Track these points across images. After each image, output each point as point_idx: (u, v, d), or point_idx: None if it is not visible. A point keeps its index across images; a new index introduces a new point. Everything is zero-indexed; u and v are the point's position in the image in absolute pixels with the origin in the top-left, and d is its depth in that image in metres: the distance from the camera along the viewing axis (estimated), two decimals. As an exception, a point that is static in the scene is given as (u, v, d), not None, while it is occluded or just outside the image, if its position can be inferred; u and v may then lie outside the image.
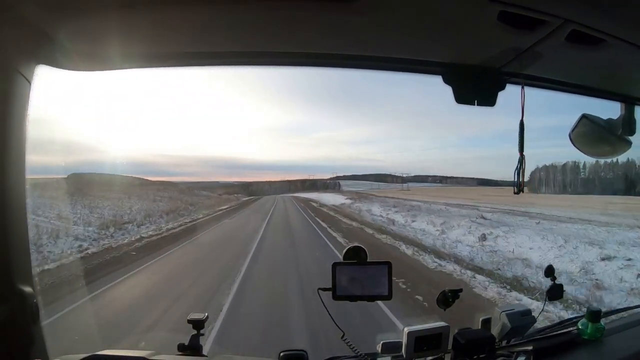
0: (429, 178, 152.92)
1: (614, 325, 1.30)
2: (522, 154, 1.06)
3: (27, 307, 0.83)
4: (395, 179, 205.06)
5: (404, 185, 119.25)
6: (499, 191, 35.87)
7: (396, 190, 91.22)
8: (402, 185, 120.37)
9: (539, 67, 1.05)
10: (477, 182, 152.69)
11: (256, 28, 0.88)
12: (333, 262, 1.11)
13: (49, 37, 0.83)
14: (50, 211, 15.51)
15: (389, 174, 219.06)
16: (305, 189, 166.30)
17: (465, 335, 1.12)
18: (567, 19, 0.78)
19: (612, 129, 1.22)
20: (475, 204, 30.79)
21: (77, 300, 5.76)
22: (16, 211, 0.83)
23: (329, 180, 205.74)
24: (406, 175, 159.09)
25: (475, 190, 53.14)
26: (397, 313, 5.04)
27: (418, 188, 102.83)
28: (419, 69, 1.07)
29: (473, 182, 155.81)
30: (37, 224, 12.76)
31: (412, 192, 59.86)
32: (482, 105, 1.07)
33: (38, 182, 17.34)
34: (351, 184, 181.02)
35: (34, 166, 0.92)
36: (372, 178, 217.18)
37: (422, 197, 45.38)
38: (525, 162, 1.06)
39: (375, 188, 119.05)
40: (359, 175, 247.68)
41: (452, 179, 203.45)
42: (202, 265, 8.69)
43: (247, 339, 4.41)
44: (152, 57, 1.00)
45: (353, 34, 0.91)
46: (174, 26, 0.86)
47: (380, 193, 65.03)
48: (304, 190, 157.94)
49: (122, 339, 4.41)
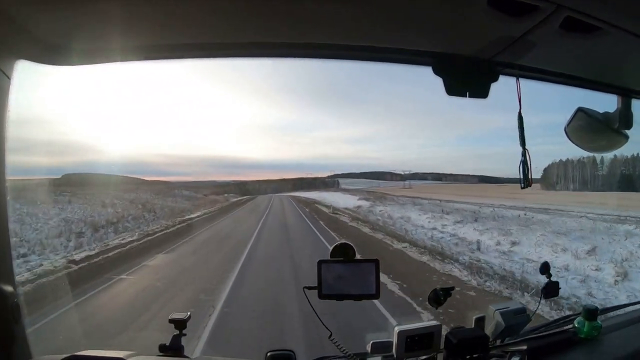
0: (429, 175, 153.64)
1: (611, 323, 1.29)
2: (525, 148, 1.05)
3: (8, 307, 0.83)
4: (394, 177, 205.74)
5: (405, 183, 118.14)
6: (512, 188, 33.41)
7: (398, 188, 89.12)
8: (404, 183, 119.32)
9: (532, 58, 1.02)
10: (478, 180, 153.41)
11: (247, 18, 0.87)
12: (318, 260, 1.09)
13: (26, 31, 0.81)
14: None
15: (387, 171, 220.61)
16: (304, 187, 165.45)
17: (457, 334, 1.10)
18: (561, 4, 0.76)
19: (609, 123, 1.21)
20: (514, 204, 24.50)
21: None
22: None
23: (327, 178, 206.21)
24: (407, 172, 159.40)
25: (485, 188, 50.45)
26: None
27: (421, 186, 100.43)
28: (409, 59, 1.05)
29: (474, 180, 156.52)
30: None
31: (415, 190, 57.59)
32: (474, 97, 1.05)
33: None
34: (350, 182, 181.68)
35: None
36: (370, 176, 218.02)
37: (439, 196, 38.37)
38: (530, 155, 1.05)
39: (375, 186, 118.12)
40: (356, 173, 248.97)
41: (450, 176, 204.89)
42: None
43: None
44: (137, 50, 0.98)
45: (343, 24, 0.89)
46: (160, 18, 0.85)
47: (388, 191, 61.85)
48: (302, 189, 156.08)
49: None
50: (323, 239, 12.96)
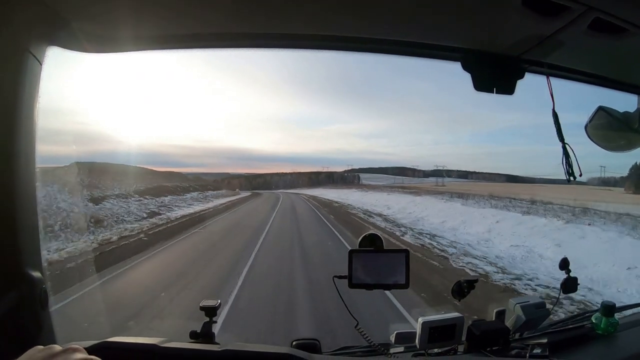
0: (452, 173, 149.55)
1: (628, 320, 1.33)
2: (564, 143, 1.08)
3: (36, 293, 0.84)
4: (416, 173, 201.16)
5: (438, 180, 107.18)
6: (569, 188, 27.96)
7: (430, 185, 78.81)
8: (437, 180, 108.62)
9: (558, 56, 1.06)
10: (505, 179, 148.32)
11: (268, 8, 0.89)
12: (349, 249, 1.12)
13: (60, 18, 0.85)
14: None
15: (408, 167, 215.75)
16: (320, 183, 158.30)
17: (479, 326, 1.15)
18: (592, 7, 0.80)
19: (629, 122, 1.22)
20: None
21: None
22: (25, 197, 0.84)
23: (345, 173, 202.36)
24: (438, 168, 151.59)
25: (530, 188, 43.76)
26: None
27: (457, 184, 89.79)
28: (437, 54, 1.08)
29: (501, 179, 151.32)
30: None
31: (451, 188, 49.68)
32: (500, 93, 1.08)
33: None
34: (369, 177, 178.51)
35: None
36: (391, 171, 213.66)
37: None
38: (572, 150, 1.08)
39: (398, 182, 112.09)
40: (375, 168, 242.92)
41: (476, 174, 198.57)
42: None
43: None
44: (164, 39, 1.02)
45: (369, 15, 0.91)
46: (185, 6, 0.88)
47: (432, 188, 53.30)
48: (320, 184, 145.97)
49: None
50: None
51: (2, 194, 0.79)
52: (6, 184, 0.80)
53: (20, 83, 0.80)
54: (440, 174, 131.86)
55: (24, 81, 0.81)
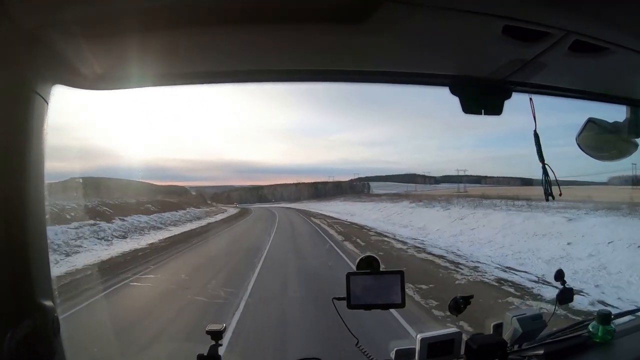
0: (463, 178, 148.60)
1: (624, 327, 1.36)
2: (544, 164, 1.14)
3: (49, 321, 0.87)
4: (427, 180, 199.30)
5: (460, 186, 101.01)
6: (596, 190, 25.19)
7: (452, 191, 72.45)
8: (458, 186, 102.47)
9: (544, 76, 1.12)
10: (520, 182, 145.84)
11: (269, 48, 0.96)
12: (347, 272, 1.19)
13: (65, 60, 0.90)
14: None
15: (419, 174, 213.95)
16: (327, 194, 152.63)
17: (477, 340, 1.20)
18: (570, 30, 0.85)
19: (619, 132, 1.29)
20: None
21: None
22: (36, 226, 0.87)
23: (353, 182, 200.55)
24: (464, 172, 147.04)
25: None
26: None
27: (477, 188, 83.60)
28: (427, 81, 1.16)
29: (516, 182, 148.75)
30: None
31: (473, 193, 44.06)
32: (489, 114, 1.14)
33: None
34: (379, 186, 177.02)
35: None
36: (400, 179, 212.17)
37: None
38: (550, 169, 1.14)
39: (411, 190, 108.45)
40: (383, 176, 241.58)
41: (490, 178, 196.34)
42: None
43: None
44: (167, 77, 1.08)
45: (363, 52, 0.99)
46: (188, 47, 0.94)
47: (456, 194, 49.93)
48: (326, 196, 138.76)
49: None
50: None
51: (15, 228, 0.83)
52: (18, 217, 0.83)
53: (28, 123, 0.85)
54: (453, 180, 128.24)
55: (31, 121, 0.85)
